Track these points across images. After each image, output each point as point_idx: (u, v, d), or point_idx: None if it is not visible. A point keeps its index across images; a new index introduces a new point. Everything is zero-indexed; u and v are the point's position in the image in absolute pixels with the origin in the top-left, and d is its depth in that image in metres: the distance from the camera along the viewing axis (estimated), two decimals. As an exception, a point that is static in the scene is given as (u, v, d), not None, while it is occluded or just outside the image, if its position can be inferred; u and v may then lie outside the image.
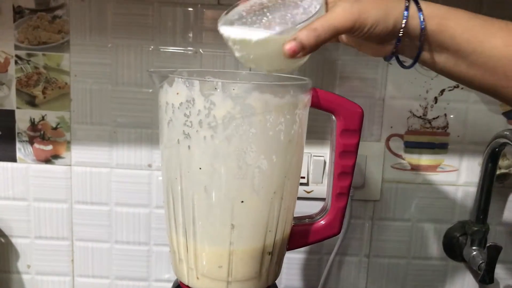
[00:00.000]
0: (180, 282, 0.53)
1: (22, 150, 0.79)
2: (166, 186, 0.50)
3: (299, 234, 0.53)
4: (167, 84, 0.47)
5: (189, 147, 0.46)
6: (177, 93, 0.46)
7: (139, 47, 0.76)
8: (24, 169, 0.80)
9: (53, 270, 0.83)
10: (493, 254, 0.73)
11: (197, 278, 0.50)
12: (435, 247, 0.82)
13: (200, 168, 0.46)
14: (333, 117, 0.51)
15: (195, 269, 0.50)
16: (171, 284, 0.83)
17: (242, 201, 0.47)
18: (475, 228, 0.77)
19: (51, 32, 0.77)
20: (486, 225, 0.77)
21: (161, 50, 0.77)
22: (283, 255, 0.53)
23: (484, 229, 0.77)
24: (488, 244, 0.73)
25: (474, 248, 0.77)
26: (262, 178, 0.47)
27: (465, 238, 0.79)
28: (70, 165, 0.80)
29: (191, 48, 0.76)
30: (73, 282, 0.84)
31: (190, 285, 0.51)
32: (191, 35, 0.76)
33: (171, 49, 0.77)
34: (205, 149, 0.46)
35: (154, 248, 0.83)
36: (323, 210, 0.55)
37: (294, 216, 0.54)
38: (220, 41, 0.47)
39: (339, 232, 0.54)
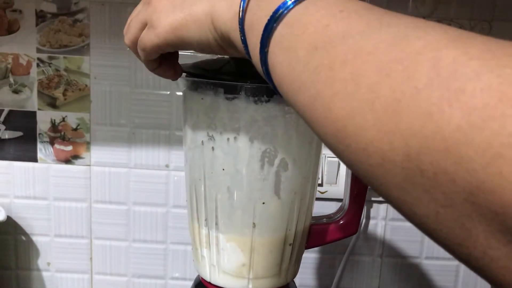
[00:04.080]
0: (202, 279, 0.54)
1: (43, 150, 0.81)
2: (190, 186, 0.52)
3: (318, 233, 0.55)
4: (192, 87, 0.49)
5: (212, 148, 0.48)
6: (202, 98, 0.48)
7: (157, 50, 0.78)
8: (45, 169, 0.82)
9: (72, 268, 0.85)
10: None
11: (219, 275, 0.51)
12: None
13: (223, 169, 0.48)
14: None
15: (216, 266, 0.51)
16: (187, 282, 0.85)
17: (263, 203, 0.49)
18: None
19: (72, 35, 0.79)
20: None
21: (180, 53, 0.78)
22: (302, 253, 0.55)
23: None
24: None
25: (486, 248, 0.78)
26: (284, 180, 0.48)
27: (477, 239, 0.80)
28: (89, 165, 0.82)
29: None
30: (92, 279, 0.86)
31: (212, 282, 0.52)
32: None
33: (189, 52, 0.78)
34: (228, 150, 0.47)
35: (171, 246, 0.84)
36: (340, 210, 0.56)
37: (312, 216, 0.56)
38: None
39: (356, 232, 0.55)
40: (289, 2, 0.31)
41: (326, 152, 0.79)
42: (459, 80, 0.22)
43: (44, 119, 0.81)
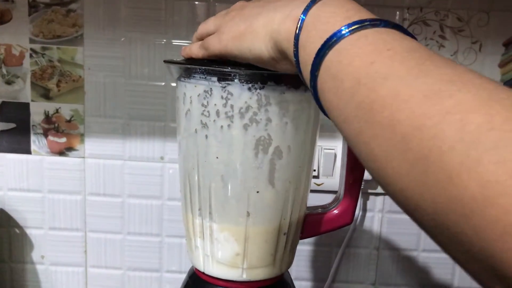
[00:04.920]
0: (196, 269, 0.54)
1: (36, 142, 0.81)
2: (183, 175, 0.51)
3: (312, 223, 0.54)
4: (185, 75, 0.48)
5: (206, 136, 0.47)
6: (195, 86, 0.47)
7: (152, 41, 0.77)
8: (39, 161, 0.81)
9: (66, 261, 0.84)
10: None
11: (213, 265, 0.51)
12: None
13: (217, 158, 0.47)
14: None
15: (210, 256, 0.51)
16: (182, 275, 0.85)
17: (258, 192, 0.48)
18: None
19: (66, 26, 0.78)
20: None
21: (174, 43, 0.78)
22: (296, 243, 0.54)
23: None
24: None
25: (483, 240, 0.78)
26: (278, 168, 0.48)
27: (474, 231, 0.80)
28: (83, 157, 0.81)
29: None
30: (86, 272, 0.85)
31: (206, 272, 0.52)
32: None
33: (184, 42, 0.77)
34: (222, 138, 0.47)
35: (166, 239, 0.84)
36: (336, 200, 0.56)
37: (307, 206, 0.55)
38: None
39: (351, 222, 0.55)
40: (344, 31, 0.32)
41: (322, 144, 0.78)
42: (478, 150, 0.23)
43: (38, 110, 0.80)
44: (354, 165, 0.53)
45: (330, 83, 0.33)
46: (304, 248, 0.83)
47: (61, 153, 0.81)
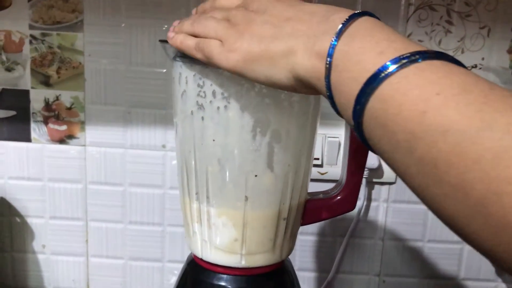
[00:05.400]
0: (194, 256, 0.52)
1: (36, 130, 0.80)
2: (180, 159, 0.50)
3: (314, 208, 0.53)
4: (181, 54, 0.46)
5: (202, 118, 0.46)
6: (191, 65, 0.46)
7: (152, 27, 0.76)
8: (39, 149, 0.80)
9: (67, 250, 0.84)
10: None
11: (211, 250, 0.50)
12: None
13: (213, 140, 0.46)
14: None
15: (208, 241, 0.49)
16: (184, 265, 0.84)
17: (256, 175, 0.47)
18: (493, 211, 0.76)
19: (65, 11, 0.77)
20: (504, 208, 0.76)
21: (175, 30, 0.76)
22: (297, 229, 0.53)
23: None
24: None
25: (491, 231, 0.76)
26: (277, 151, 0.46)
27: (482, 221, 0.78)
28: (84, 146, 0.80)
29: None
30: (88, 262, 0.84)
31: (204, 259, 0.50)
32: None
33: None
34: (218, 120, 0.45)
35: (168, 228, 0.83)
36: (338, 185, 0.54)
37: (308, 192, 0.54)
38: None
39: (353, 208, 0.53)
40: (381, 74, 0.30)
41: (326, 131, 0.77)
42: None
43: (38, 97, 0.79)
44: (357, 151, 0.51)
45: (380, 132, 0.31)
46: (308, 238, 0.82)
47: (61, 141, 0.80)
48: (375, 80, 0.30)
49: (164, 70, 0.77)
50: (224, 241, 0.49)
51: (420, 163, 0.28)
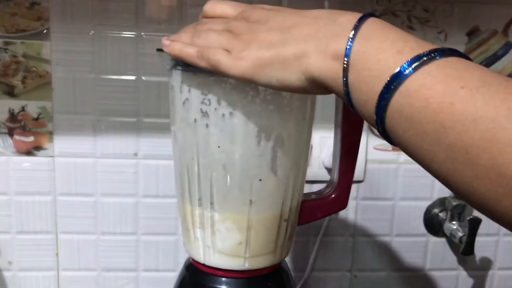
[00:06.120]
0: (193, 260, 0.53)
1: (1, 142, 0.77)
2: (180, 166, 0.50)
3: (309, 209, 0.55)
4: (182, 63, 0.47)
5: (207, 125, 0.46)
6: (194, 74, 0.46)
7: (122, 34, 0.75)
8: (4, 162, 0.77)
9: (36, 265, 0.81)
10: (474, 226, 0.77)
11: (214, 255, 0.50)
12: (416, 224, 0.86)
13: (218, 147, 0.47)
14: (339, 94, 0.52)
15: (211, 246, 0.50)
16: (160, 274, 0.83)
17: (260, 179, 0.48)
18: (455, 203, 0.81)
19: (30, 19, 0.74)
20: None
21: (144, 37, 0.76)
22: (295, 230, 0.54)
23: (463, 204, 0.81)
24: (468, 217, 0.77)
25: (454, 222, 0.81)
26: (280, 155, 0.48)
27: (445, 214, 0.83)
28: (53, 156, 0.78)
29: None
30: (58, 276, 0.82)
31: (206, 263, 0.51)
32: (176, 20, 0.76)
33: (155, 35, 0.76)
34: (223, 127, 0.46)
35: (142, 237, 0.82)
36: (329, 185, 0.56)
37: (299, 193, 0.56)
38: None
39: (346, 206, 0.56)
40: (405, 71, 0.32)
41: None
42: None
43: (2, 109, 0.76)
44: (348, 152, 0.54)
45: (405, 125, 0.33)
46: (282, 239, 0.84)
47: (28, 152, 0.77)
48: (398, 77, 0.32)
49: (134, 78, 0.77)
50: (228, 245, 0.50)
51: (450, 150, 0.31)
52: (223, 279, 0.51)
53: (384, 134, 0.35)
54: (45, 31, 0.74)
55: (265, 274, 0.53)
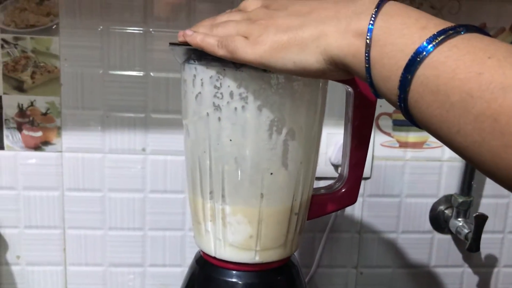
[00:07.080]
0: (203, 253, 0.53)
1: (10, 137, 0.77)
2: (192, 160, 0.51)
3: (319, 203, 0.55)
4: (195, 57, 0.47)
5: (219, 119, 0.47)
6: (207, 68, 0.46)
7: (130, 30, 0.76)
8: (13, 157, 0.78)
9: (44, 260, 0.81)
10: (480, 223, 0.77)
11: (225, 248, 0.51)
12: (422, 221, 0.86)
13: (230, 140, 0.47)
14: (349, 88, 0.52)
15: (222, 239, 0.50)
16: (166, 269, 0.83)
17: (271, 173, 0.48)
18: (461, 200, 0.81)
19: (39, 14, 0.75)
20: (471, 197, 0.81)
21: (153, 32, 0.76)
22: (305, 223, 0.55)
23: (469, 201, 0.81)
24: (474, 214, 0.77)
25: (459, 219, 0.81)
26: (291, 149, 0.48)
27: (450, 211, 0.83)
28: (61, 152, 0.78)
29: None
30: (66, 271, 0.82)
31: (217, 256, 0.51)
32: (183, 16, 0.76)
33: (163, 31, 0.76)
34: (235, 120, 0.46)
35: (149, 233, 0.82)
36: (339, 180, 0.57)
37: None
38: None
39: (356, 200, 0.56)
40: (430, 44, 0.32)
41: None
42: None
43: (11, 104, 0.76)
44: (358, 145, 0.54)
45: (430, 98, 0.33)
46: (288, 235, 0.84)
47: (36, 147, 0.78)
48: (424, 49, 0.32)
49: (142, 73, 0.77)
50: (239, 238, 0.50)
51: (477, 120, 0.30)
52: (234, 272, 0.52)
53: (406, 111, 0.35)
54: (54, 27, 0.75)
55: (275, 268, 0.53)
